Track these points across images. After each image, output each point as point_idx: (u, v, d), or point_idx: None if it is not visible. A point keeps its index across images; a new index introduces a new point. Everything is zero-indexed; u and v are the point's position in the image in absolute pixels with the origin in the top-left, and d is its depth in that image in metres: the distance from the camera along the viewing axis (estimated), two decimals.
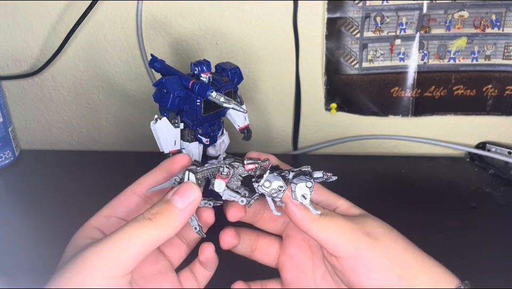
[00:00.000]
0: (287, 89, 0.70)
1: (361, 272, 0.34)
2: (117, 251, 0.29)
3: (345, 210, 0.38)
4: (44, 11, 0.66)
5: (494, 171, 0.66)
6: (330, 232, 0.34)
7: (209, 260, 0.38)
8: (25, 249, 0.51)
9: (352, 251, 0.34)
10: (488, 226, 0.56)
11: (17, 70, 0.70)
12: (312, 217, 0.34)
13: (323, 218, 0.34)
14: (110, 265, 0.29)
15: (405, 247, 0.35)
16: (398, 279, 0.33)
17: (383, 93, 0.68)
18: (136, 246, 0.30)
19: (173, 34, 0.67)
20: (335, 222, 0.34)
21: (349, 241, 0.34)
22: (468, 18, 0.64)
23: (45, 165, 0.69)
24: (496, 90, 0.67)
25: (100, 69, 0.70)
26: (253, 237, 0.41)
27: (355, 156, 0.73)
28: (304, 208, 0.34)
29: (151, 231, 0.30)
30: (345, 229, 0.34)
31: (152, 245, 0.30)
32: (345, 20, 0.65)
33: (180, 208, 0.31)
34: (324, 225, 0.34)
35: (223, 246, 0.38)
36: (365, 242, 0.34)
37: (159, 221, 0.30)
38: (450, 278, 0.35)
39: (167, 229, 0.31)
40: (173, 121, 0.48)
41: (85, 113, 0.73)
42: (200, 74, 0.47)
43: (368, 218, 0.37)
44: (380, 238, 0.35)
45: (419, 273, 0.34)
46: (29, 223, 0.56)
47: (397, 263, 0.34)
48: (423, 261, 0.35)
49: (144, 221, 0.30)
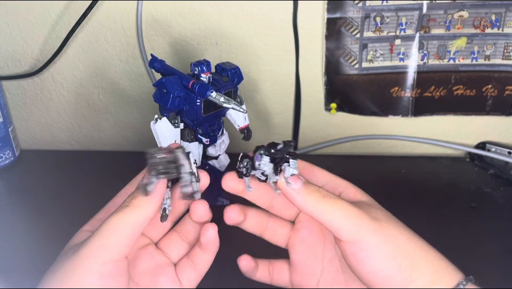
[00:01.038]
0: (287, 89, 0.70)
1: (361, 257, 0.34)
2: (106, 238, 0.33)
3: (352, 196, 0.38)
4: (43, 11, 0.66)
5: (494, 171, 0.67)
6: (335, 215, 0.34)
7: (210, 242, 0.37)
8: (25, 249, 0.51)
9: (355, 236, 0.33)
10: (488, 226, 0.56)
11: (17, 70, 0.70)
12: (316, 199, 0.34)
13: (327, 200, 0.34)
14: (101, 251, 0.32)
15: (409, 236, 0.35)
16: (398, 267, 0.33)
17: (383, 93, 0.68)
18: (122, 231, 0.33)
19: (173, 34, 0.67)
20: (339, 205, 0.34)
21: (352, 225, 0.33)
22: (468, 18, 0.64)
23: (45, 165, 0.69)
24: (496, 90, 0.67)
25: (99, 69, 0.70)
26: (264, 217, 0.40)
27: (355, 156, 0.73)
28: (305, 192, 0.34)
29: (130, 214, 0.33)
30: (350, 212, 0.34)
31: (136, 227, 0.34)
32: (345, 20, 0.65)
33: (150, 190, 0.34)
34: (329, 207, 0.34)
35: (227, 221, 0.38)
36: (368, 227, 0.34)
37: (135, 205, 0.34)
38: (454, 272, 0.34)
39: (144, 209, 0.34)
40: (173, 121, 0.48)
41: (85, 113, 0.73)
42: (200, 74, 0.47)
43: (374, 205, 0.37)
44: (384, 225, 0.34)
45: (421, 264, 0.34)
46: (29, 223, 0.56)
47: (398, 252, 0.34)
48: (427, 252, 0.35)
49: (123, 208, 0.34)
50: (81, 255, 0.32)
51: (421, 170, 0.68)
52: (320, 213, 0.34)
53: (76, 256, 0.32)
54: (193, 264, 0.38)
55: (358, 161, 0.71)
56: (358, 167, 0.69)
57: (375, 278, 0.34)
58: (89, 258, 0.32)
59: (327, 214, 0.34)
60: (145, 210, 0.34)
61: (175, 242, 0.39)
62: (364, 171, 0.68)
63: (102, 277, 0.32)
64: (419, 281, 0.33)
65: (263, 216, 0.40)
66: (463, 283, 0.34)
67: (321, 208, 0.34)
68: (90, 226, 0.38)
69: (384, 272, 0.33)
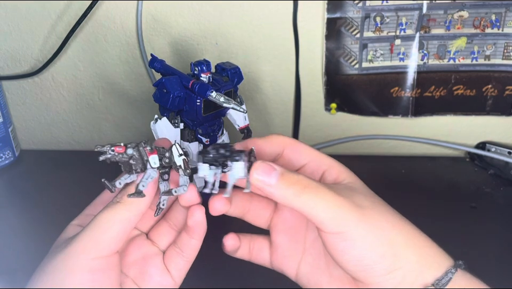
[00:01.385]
0: (287, 89, 0.70)
1: (342, 247, 0.32)
2: (96, 234, 0.32)
3: (335, 176, 0.37)
4: (43, 11, 0.66)
5: (494, 171, 0.67)
6: (317, 207, 0.32)
7: (197, 225, 0.36)
8: (25, 249, 0.51)
9: (338, 227, 0.32)
10: (488, 226, 0.56)
11: (17, 70, 0.70)
12: (296, 192, 0.32)
13: (308, 191, 0.32)
14: (91, 246, 0.32)
15: (394, 223, 0.34)
16: (379, 257, 0.32)
17: (383, 93, 0.68)
18: (112, 227, 0.33)
19: (173, 34, 0.67)
20: (321, 196, 0.32)
21: (335, 216, 0.32)
22: (468, 18, 0.64)
23: (45, 165, 0.69)
24: (496, 90, 0.67)
25: (99, 69, 0.70)
26: (246, 199, 0.39)
27: (355, 156, 0.73)
28: (283, 185, 0.32)
29: (122, 211, 0.33)
30: (332, 203, 0.32)
31: (127, 223, 0.33)
32: (345, 20, 0.65)
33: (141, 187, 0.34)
34: (310, 200, 0.32)
35: (213, 213, 0.37)
36: (351, 218, 0.32)
37: (126, 201, 0.33)
38: (443, 259, 0.34)
39: (135, 206, 0.33)
40: (173, 121, 0.48)
41: (85, 113, 0.73)
42: (200, 74, 0.47)
43: (358, 188, 0.36)
44: (367, 212, 0.33)
45: (405, 252, 0.33)
46: (29, 223, 0.56)
47: (381, 241, 0.32)
48: (414, 239, 0.34)
49: (114, 205, 0.33)
50: (71, 250, 0.32)
51: (421, 170, 0.68)
52: (301, 206, 0.32)
53: (66, 252, 0.32)
54: (180, 252, 0.37)
55: (358, 161, 0.71)
56: (358, 167, 0.68)
57: (356, 267, 0.33)
58: (79, 253, 0.32)
59: (309, 207, 0.32)
60: (137, 206, 0.34)
61: (165, 232, 0.39)
62: (364, 172, 0.67)
63: (92, 272, 0.32)
64: (402, 270, 0.32)
65: (246, 198, 0.39)
66: (451, 271, 0.33)
67: (302, 201, 0.32)
68: (79, 220, 0.37)
69: (365, 262, 0.32)
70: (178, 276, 0.38)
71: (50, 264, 0.32)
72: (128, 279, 0.37)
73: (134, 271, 0.37)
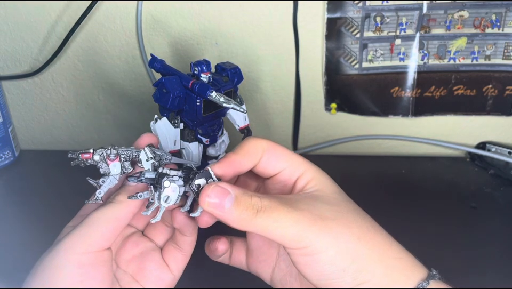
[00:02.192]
0: (287, 89, 0.70)
1: (304, 261, 0.32)
2: (86, 230, 0.33)
3: (303, 182, 0.35)
4: (43, 11, 0.66)
5: (494, 171, 0.66)
6: (273, 228, 0.31)
7: (183, 226, 0.37)
8: (25, 249, 0.51)
9: (297, 244, 0.31)
10: (488, 226, 0.56)
11: (17, 70, 0.70)
12: (249, 218, 0.31)
13: (261, 215, 0.31)
14: (80, 242, 0.33)
15: (360, 235, 0.32)
16: (341, 272, 0.31)
17: (383, 93, 0.68)
18: (103, 223, 0.34)
19: (172, 34, 0.67)
20: (274, 218, 0.31)
21: (292, 235, 0.31)
22: (468, 18, 0.64)
23: (45, 165, 0.69)
24: (496, 90, 0.67)
25: (99, 69, 0.70)
26: None
27: (355, 156, 0.73)
28: (235, 212, 0.31)
29: (113, 209, 0.34)
30: (287, 222, 0.31)
31: (117, 222, 0.34)
32: (345, 20, 0.65)
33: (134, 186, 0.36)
34: (264, 223, 0.31)
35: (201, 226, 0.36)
36: (310, 233, 0.31)
37: (118, 200, 0.35)
38: (415, 271, 0.32)
39: (126, 205, 0.35)
40: (173, 121, 0.48)
41: (85, 113, 0.73)
42: (200, 74, 0.47)
43: (324, 197, 0.34)
44: (329, 224, 0.31)
45: (371, 265, 0.31)
46: (29, 223, 0.56)
47: (343, 255, 0.31)
48: (380, 252, 0.32)
49: (107, 204, 0.35)
50: (61, 247, 0.33)
51: (421, 170, 0.68)
52: (258, 229, 0.31)
53: (56, 248, 0.33)
54: (178, 247, 0.39)
55: (358, 161, 0.71)
56: (358, 167, 0.69)
57: (319, 281, 0.32)
58: (68, 249, 0.33)
59: (266, 229, 0.31)
60: (127, 206, 0.35)
61: (161, 229, 0.40)
62: (364, 172, 0.68)
63: (81, 266, 0.32)
64: (367, 284, 0.31)
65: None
66: (423, 285, 0.31)
67: (258, 225, 0.31)
68: (74, 222, 0.38)
69: (328, 276, 0.31)
70: (176, 269, 0.39)
71: (42, 263, 0.33)
72: (127, 275, 0.38)
73: (132, 267, 0.38)
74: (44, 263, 0.33)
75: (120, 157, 0.36)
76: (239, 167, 0.35)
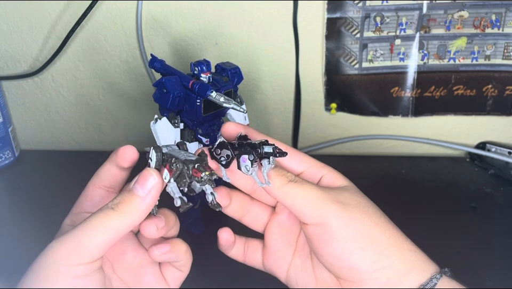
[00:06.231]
0: (287, 89, 0.70)
1: (323, 239, 0.33)
2: (80, 240, 0.30)
3: (331, 180, 0.38)
4: (43, 11, 0.66)
5: (494, 171, 0.67)
6: (297, 199, 0.34)
7: (169, 259, 0.36)
8: (25, 249, 0.51)
9: (318, 218, 0.33)
10: (488, 226, 0.56)
11: (17, 70, 0.70)
12: (279, 184, 0.34)
13: (290, 184, 0.34)
14: (74, 253, 0.30)
15: (378, 223, 0.34)
16: (361, 251, 0.33)
17: (383, 93, 0.68)
18: (99, 234, 0.31)
19: (172, 34, 0.67)
20: (303, 188, 0.34)
21: (315, 208, 0.33)
22: (468, 18, 0.64)
23: (45, 165, 0.69)
24: (496, 90, 0.67)
25: (100, 69, 0.70)
26: (246, 201, 0.40)
27: (355, 156, 0.73)
28: (271, 176, 0.34)
29: (113, 219, 0.31)
30: (313, 196, 0.34)
31: (116, 233, 0.31)
32: (345, 20, 0.65)
33: (141, 196, 0.32)
34: (291, 192, 0.34)
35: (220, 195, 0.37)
36: (332, 210, 0.33)
37: (121, 210, 0.32)
38: (427, 265, 0.34)
39: (130, 217, 0.32)
40: (173, 121, 0.48)
41: (85, 113, 0.73)
42: (200, 74, 0.47)
43: (348, 189, 0.37)
44: (350, 208, 0.34)
45: (387, 252, 0.33)
46: (29, 223, 0.56)
47: (362, 236, 0.33)
48: (397, 242, 0.34)
49: (107, 211, 0.32)
50: (53, 255, 0.31)
51: (421, 170, 0.68)
52: (283, 196, 0.34)
53: (48, 256, 0.31)
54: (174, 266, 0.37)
55: (358, 161, 0.71)
56: (358, 167, 0.69)
57: (338, 262, 0.33)
58: (61, 260, 0.30)
59: (290, 197, 0.34)
60: (133, 217, 0.32)
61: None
62: (364, 171, 0.68)
63: (74, 278, 0.31)
64: (386, 270, 0.33)
65: (246, 201, 0.40)
66: (436, 277, 0.32)
67: (285, 192, 0.34)
68: (71, 221, 0.37)
69: (346, 256, 0.33)
70: (174, 284, 0.38)
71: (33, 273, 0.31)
72: (123, 285, 0.37)
73: (130, 278, 0.37)
74: (35, 273, 0.31)
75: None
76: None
